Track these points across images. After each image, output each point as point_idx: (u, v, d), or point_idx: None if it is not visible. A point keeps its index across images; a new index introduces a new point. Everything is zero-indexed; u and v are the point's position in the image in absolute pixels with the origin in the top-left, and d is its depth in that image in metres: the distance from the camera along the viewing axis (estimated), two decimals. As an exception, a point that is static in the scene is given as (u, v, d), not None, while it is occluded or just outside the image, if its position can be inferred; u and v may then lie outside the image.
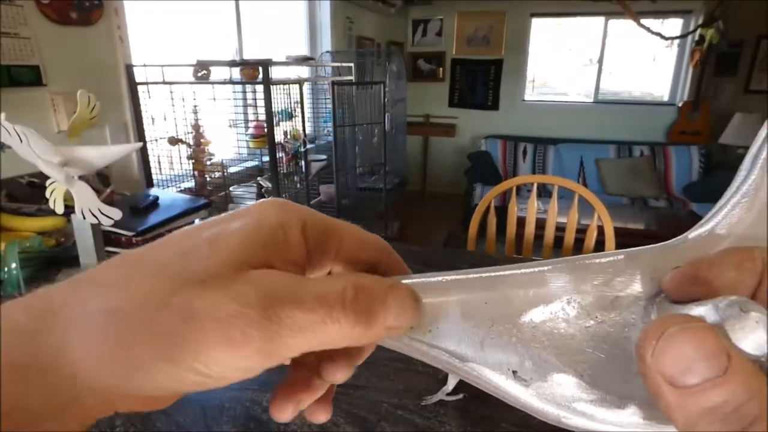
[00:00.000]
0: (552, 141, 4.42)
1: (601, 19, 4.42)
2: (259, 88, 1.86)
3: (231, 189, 2.10)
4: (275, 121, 1.89)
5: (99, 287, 0.16)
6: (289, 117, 2.16)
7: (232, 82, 1.98)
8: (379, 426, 0.64)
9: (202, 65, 1.84)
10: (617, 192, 3.98)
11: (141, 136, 1.85)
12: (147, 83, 1.83)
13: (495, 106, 4.85)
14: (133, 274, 0.17)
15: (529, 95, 4.89)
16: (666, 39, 3.82)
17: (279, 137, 2.01)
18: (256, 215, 0.18)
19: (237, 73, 1.91)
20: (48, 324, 0.15)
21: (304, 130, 2.29)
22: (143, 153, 1.87)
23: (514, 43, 4.63)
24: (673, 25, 4.41)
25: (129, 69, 1.78)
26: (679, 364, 0.14)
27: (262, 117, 1.90)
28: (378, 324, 0.17)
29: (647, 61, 4.64)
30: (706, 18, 3.81)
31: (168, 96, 1.87)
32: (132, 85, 1.80)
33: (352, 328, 0.17)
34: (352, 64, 2.67)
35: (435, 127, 5.03)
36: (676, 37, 4.04)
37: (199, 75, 1.84)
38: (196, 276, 0.16)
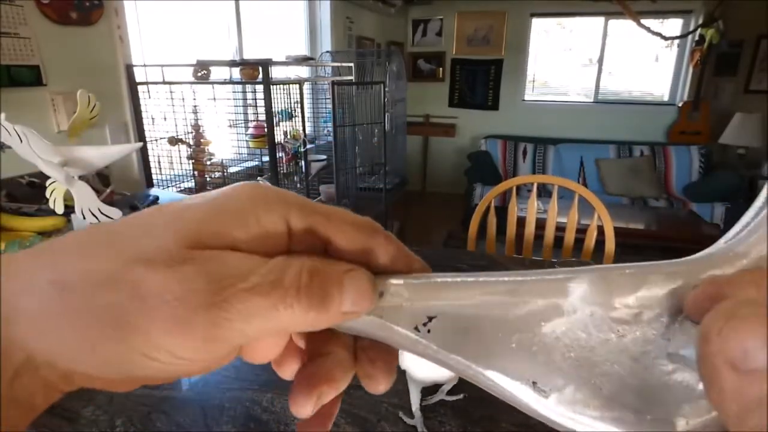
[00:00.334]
0: (552, 141, 4.42)
1: (601, 19, 4.42)
2: (259, 88, 1.86)
3: (231, 189, 2.10)
4: (275, 121, 1.89)
5: (54, 255, 0.16)
6: (289, 117, 2.16)
7: (232, 82, 1.98)
8: (379, 426, 0.64)
9: (202, 65, 1.84)
10: (617, 192, 3.98)
11: (141, 136, 1.85)
12: (147, 83, 1.83)
13: (495, 106, 4.85)
14: (90, 244, 0.16)
15: (529, 95, 4.89)
16: (666, 39, 3.82)
17: (279, 137, 2.01)
18: (227, 196, 0.18)
19: (237, 73, 1.91)
20: (4, 289, 0.15)
21: (304, 130, 2.30)
22: (143, 153, 1.87)
23: (514, 43, 4.63)
24: (673, 25, 4.41)
25: (129, 69, 1.78)
26: (747, 346, 0.13)
27: (262, 117, 1.90)
28: (333, 308, 0.17)
29: (647, 61, 4.64)
30: (706, 18, 3.81)
31: (168, 96, 1.87)
32: (132, 85, 1.80)
33: (305, 313, 0.16)
34: (352, 64, 2.68)
35: (435, 127, 5.03)
36: (676, 37, 4.04)
37: (199, 75, 1.84)
38: (146, 254, 0.15)
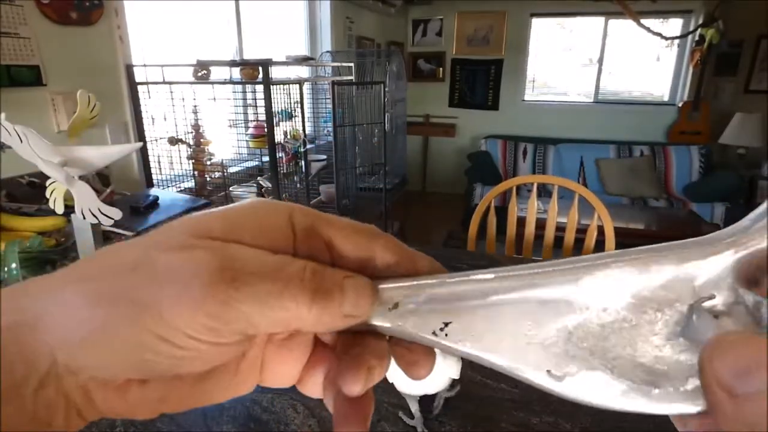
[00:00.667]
0: (552, 141, 4.42)
1: (601, 19, 4.42)
2: (259, 88, 1.86)
3: (231, 189, 2.10)
4: (275, 121, 1.89)
5: (77, 264, 0.17)
6: (289, 117, 2.16)
7: (232, 82, 1.98)
8: (379, 426, 0.64)
9: (202, 65, 1.84)
10: (617, 192, 3.98)
11: (141, 136, 1.85)
12: (147, 83, 1.83)
13: (495, 106, 4.85)
14: (114, 247, 0.18)
15: (529, 95, 4.89)
16: (666, 39, 3.82)
17: (279, 137, 2.01)
18: (237, 204, 0.19)
19: (237, 73, 1.90)
20: (30, 299, 0.16)
21: (304, 130, 2.29)
22: (143, 153, 1.87)
23: (514, 43, 4.63)
24: (673, 25, 4.41)
25: (129, 69, 1.78)
26: (737, 372, 0.14)
27: (262, 117, 1.90)
28: (334, 308, 0.17)
29: (647, 61, 4.64)
30: (706, 18, 3.81)
31: (168, 96, 1.87)
32: (132, 85, 1.80)
33: (308, 307, 0.17)
34: (352, 64, 2.67)
35: (435, 127, 5.03)
36: (676, 37, 4.04)
37: (199, 75, 1.84)
38: (162, 245, 0.17)
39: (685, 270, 0.17)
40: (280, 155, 2.01)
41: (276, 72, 2.00)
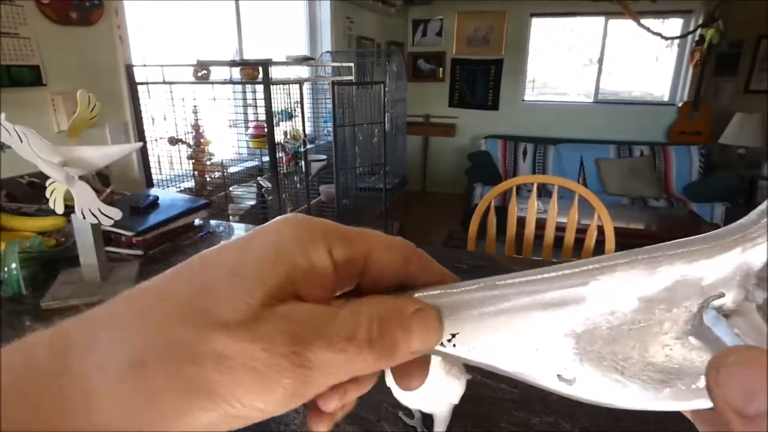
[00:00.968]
0: (552, 141, 4.42)
1: (601, 19, 4.42)
2: (259, 88, 1.86)
3: (231, 189, 2.10)
4: (275, 121, 1.89)
5: (119, 331, 0.16)
6: (289, 117, 2.16)
7: (232, 82, 1.98)
8: (379, 426, 0.64)
9: (202, 65, 1.84)
10: (617, 192, 3.98)
11: (141, 136, 1.85)
12: (147, 83, 1.83)
13: (495, 106, 4.85)
14: (153, 314, 0.16)
15: (529, 95, 4.89)
16: (666, 39, 3.82)
17: (279, 137, 2.01)
18: (273, 237, 0.18)
19: (237, 73, 1.90)
20: (72, 367, 0.15)
21: (304, 130, 2.29)
22: (143, 153, 1.87)
23: (514, 43, 4.63)
24: (673, 25, 4.41)
25: (129, 69, 1.78)
26: (744, 396, 0.14)
27: (262, 117, 1.90)
28: (401, 352, 0.18)
29: (647, 61, 4.64)
30: (706, 18, 3.81)
31: (168, 96, 1.87)
32: (132, 85, 1.80)
33: (377, 361, 0.17)
34: (352, 64, 2.67)
35: (435, 127, 5.03)
36: (676, 37, 4.04)
37: (199, 75, 1.84)
38: (221, 319, 0.16)
39: (693, 270, 0.17)
40: (280, 155, 2.01)
41: (276, 72, 2.00)
